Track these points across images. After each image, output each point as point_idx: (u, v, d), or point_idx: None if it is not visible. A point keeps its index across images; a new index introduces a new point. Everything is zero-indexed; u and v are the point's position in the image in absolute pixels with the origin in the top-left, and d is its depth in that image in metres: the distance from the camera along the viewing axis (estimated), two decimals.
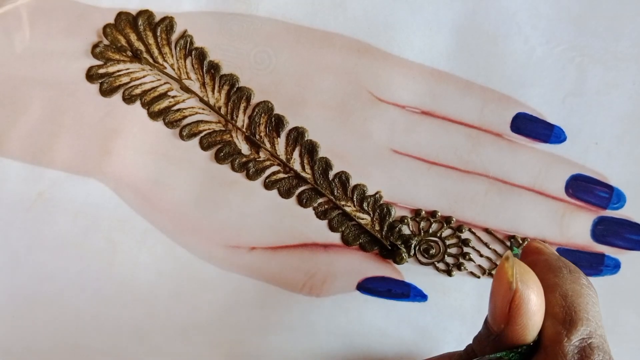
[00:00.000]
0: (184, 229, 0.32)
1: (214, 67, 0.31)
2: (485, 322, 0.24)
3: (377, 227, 0.32)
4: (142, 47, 0.31)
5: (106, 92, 0.31)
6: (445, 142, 0.32)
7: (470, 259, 0.32)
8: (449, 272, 0.32)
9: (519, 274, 0.22)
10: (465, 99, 0.31)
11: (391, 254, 0.32)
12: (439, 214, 0.32)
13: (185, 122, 0.32)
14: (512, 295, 0.22)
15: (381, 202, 0.32)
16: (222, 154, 0.32)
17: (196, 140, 0.32)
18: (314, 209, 0.32)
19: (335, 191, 0.32)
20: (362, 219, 0.32)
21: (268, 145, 0.32)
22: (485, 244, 0.32)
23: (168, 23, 0.31)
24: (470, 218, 0.32)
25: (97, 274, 0.32)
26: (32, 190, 0.31)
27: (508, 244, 0.32)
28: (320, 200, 0.32)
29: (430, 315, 0.32)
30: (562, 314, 0.23)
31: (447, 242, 0.32)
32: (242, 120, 0.32)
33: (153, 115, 0.31)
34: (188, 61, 0.31)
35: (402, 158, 0.32)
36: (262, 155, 0.32)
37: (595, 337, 0.23)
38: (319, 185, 0.32)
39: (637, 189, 0.32)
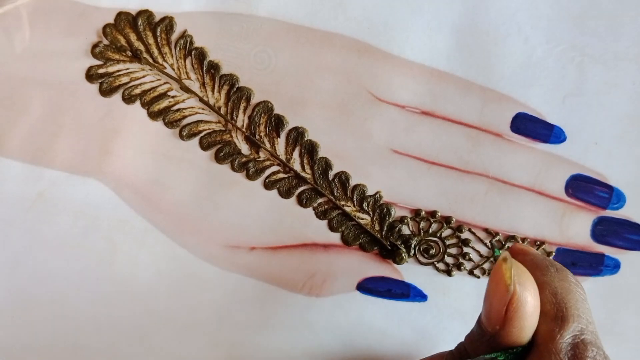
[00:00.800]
0: (184, 229, 0.32)
1: (213, 67, 0.31)
2: (479, 321, 0.24)
3: (377, 227, 0.32)
4: (141, 47, 0.31)
5: (106, 92, 0.31)
6: (445, 142, 0.32)
7: (470, 259, 0.32)
8: (448, 272, 0.32)
9: (516, 276, 0.22)
10: (465, 99, 0.31)
11: (391, 254, 0.32)
12: (439, 214, 0.32)
13: (185, 122, 0.32)
14: (509, 297, 0.22)
15: (381, 202, 0.32)
16: (222, 154, 0.32)
17: (196, 140, 0.32)
18: (314, 209, 0.32)
19: (335, 191, 0.32)
20: (362, 219, 0.32)
21: (268, 145, 0.32)
22: (485, 244, 0.32)
23: (168, 23, 0.31)
24: (470, 218, 0.32)
25: (97, 274, 0.32)
26: (32, 190, 0.31)
27: (495, 245, 0.32)
28: (320, 200, 0.32)
29: (430, 315, 0.32)
30: (554, 312, 0.23)
31: (447, 242, 0.32)
32: (242, 120, 0.32)
33: (153, 115, 0.31)
34: (188, 61, 0.31)
35: (402, 158, 0.32)
36: (262, 155, 0.32)
37: (588, 334, 0.23)
38: (319, 185, 0.32)
39: (637, 189, 0.32)
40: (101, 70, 0.31)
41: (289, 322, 0.32)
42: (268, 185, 0.32)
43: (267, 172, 0.32)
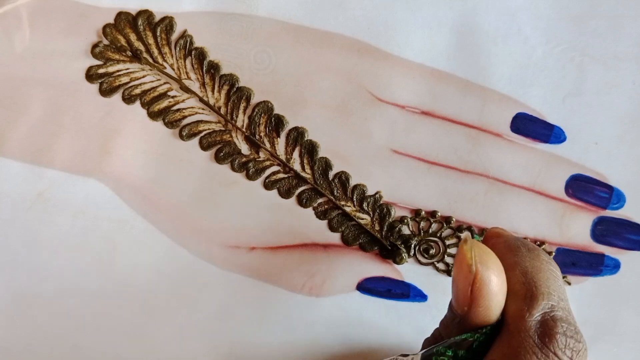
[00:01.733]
0: (184, 229, 0.32)
1: (213, 67, 0.31)
2: (450, 305, 0.24)
3: (377, 227, 0.32)
4: (141, 47, 0.31)
5: (106, 92, 0.31)
6: (445, 142, 0.32)
7: None
8: (448, 272, 0.32)
9: (477, 256, 0.22)
10: (465, 99, 0.31)
11: (391, 254, 0.32)
12: (439, 214, 0.32)
13: (185, 122, 0.32)
14: (472, 277, 0.22)
15: (381, 202, 0.32)
16: (222, 154, 0.32)
17: (196, 140, 0.32)
18: (314, 209, 0.32)
19: (335, 191, 0.32)
20: (362, 219, 0.32)
21: (268, 145, 0.32)
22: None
23: (168, 23, 0.31)
24: (470, 218, 0.32)
25: (97, 274, 0.32)
26: (32, 190, 0.31)
27: (474, 231, 0.32)
28: (320, 200, 0.32)
29: (430, 315, 0.32)
30: (523, 291, 0.23)
31: (447, 242, 0.32)
32: (242, 120, 0.32)
33: (153, 115, 0.31)
34: (188, 61, 0.31)
35: (402, 158, 0.32)
36: (262, 155, 0.32)
37: (559, 310, 0.23)
38: (318, 185, 0.32)
39: (637, 189, 0.32)
40: (101, 70, 0.31)
41: (289, 322, 0.32)
42: (268, 185, 0.32)
43: (267, 172, 0.32)
